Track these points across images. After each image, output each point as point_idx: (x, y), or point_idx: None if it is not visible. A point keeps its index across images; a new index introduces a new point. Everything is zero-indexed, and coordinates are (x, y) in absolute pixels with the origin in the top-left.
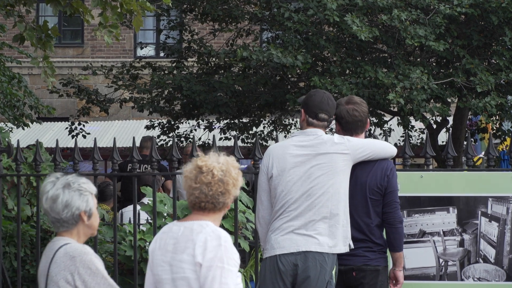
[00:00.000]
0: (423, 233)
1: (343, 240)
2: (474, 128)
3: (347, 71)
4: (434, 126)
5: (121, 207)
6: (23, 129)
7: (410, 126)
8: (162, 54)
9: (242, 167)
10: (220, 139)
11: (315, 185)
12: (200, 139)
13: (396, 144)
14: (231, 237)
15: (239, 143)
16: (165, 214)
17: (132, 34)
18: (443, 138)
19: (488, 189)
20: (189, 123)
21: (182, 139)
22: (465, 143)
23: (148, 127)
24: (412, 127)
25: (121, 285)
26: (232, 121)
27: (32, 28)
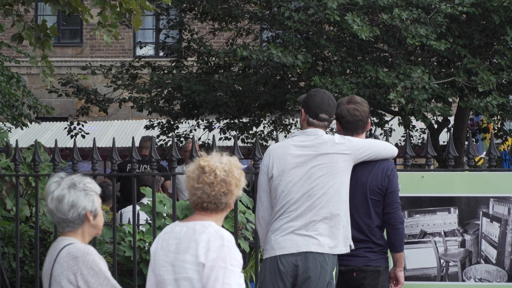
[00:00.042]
0: (424, 234)
1: (344, 241)
2: (476, 128)
3: (348, 71)
4: (435, 126)
5: (120, 208)
6: (22, 129)
7: (411, 126)
8: (162, 54)
9: (242, 167)
10: (220, 139)
11: (316, 186)
12: (200, 139)
13: (397, 144)
14: None
15: (239, 143)
16: (165, 215)
17: (132, 34)
18: (444, 138)
19: (490, 190)
20: (189, 123)
21: (182, 139)
22: (467, 143)
23: (148, 127)
24: (413, 127)
25: (121, 286)
26: (232, 121)
27: (31, 27)
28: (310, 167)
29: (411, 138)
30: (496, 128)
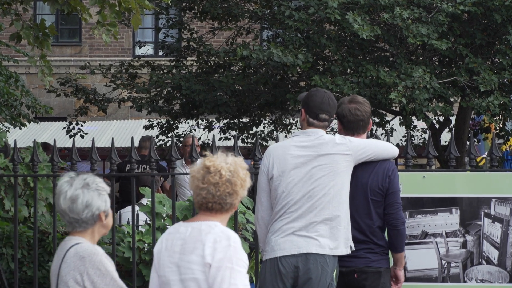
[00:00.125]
0: (426, 234)
1: (345, 242)
2: (477, 128)
3: (349, 70)
4: (437, 126)
5: (120, 208)
6: (20, 129)
7: (412, 126)
8: (161, 53)
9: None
10: (220, 139)
11: (316, 187)
12: (200, 139)
13: (398, 144)
14: None
15: (239, 143)
16: (164, 215)
17: (131, 33)
18: (446, 138)
19: (491, 190)
20: (189, 123)
21: (181, 139)
22: (468, 143)
23: (147, 127)
24: (415, 127)
25: None
26: (232, 121)
27: (29, 27)
28: (311, 168)
29: (412, 138)
30: (498, 128)
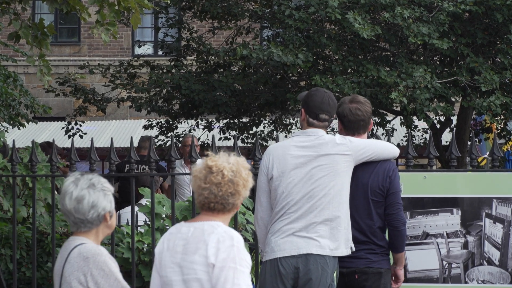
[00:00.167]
0: (427, 235)
1: (345, 243)
2: (479, 128)
3: (349, 70)
4: (438, 126)
5: (119, 209)
6: (19, 129)
7: (413, 126)
8: (161, 53)
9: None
10: (220, 139)
11: (317, 187)
12: (199, 139)
13: (399, 144)
14: None
15: (239, 143)
16: (164, 216)
17: (130, 32)
18: (447, 138)
19: (493, 190)
20: (188, 123)
21: (181, 139)
22: (469, 143)
23: (146, 127)
24: (415, 127)
25: None
26: (232, 121)
27: (28, 26)
28: (311, 168)
29: (413, 138)
30: (499, 128)
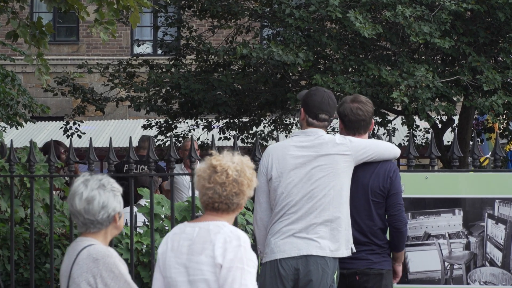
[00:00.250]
0: (428, 236)
1: (346, 244)
2: (481, 128)
3: (350, 69)
4: (440, 126)
5: None
6: (17, 129)
7: (415, 126)
8: (160, 52)
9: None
10: (220, 139)
11: (316, 187)
12: (199, 139)
13: (401, 144)
14: None
15: (239, 143)
16: (163, 216)
17: (129, 31)
18: (449, 138)
19: (495, 191)
20: (188, 123)
21: (180, 139)
22: (471, 143)
23: (145, 127)
24: (417, 127)
25: None
26: (232, 121)
27: (26, 25)
28: (311, 168)
29: (415, 138)
30: (502, 128)
